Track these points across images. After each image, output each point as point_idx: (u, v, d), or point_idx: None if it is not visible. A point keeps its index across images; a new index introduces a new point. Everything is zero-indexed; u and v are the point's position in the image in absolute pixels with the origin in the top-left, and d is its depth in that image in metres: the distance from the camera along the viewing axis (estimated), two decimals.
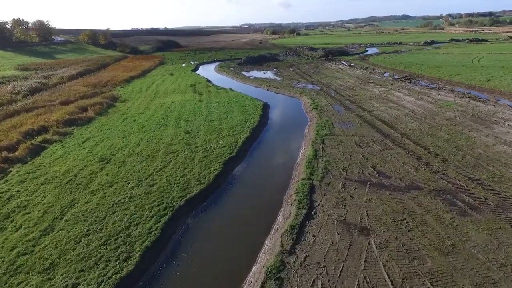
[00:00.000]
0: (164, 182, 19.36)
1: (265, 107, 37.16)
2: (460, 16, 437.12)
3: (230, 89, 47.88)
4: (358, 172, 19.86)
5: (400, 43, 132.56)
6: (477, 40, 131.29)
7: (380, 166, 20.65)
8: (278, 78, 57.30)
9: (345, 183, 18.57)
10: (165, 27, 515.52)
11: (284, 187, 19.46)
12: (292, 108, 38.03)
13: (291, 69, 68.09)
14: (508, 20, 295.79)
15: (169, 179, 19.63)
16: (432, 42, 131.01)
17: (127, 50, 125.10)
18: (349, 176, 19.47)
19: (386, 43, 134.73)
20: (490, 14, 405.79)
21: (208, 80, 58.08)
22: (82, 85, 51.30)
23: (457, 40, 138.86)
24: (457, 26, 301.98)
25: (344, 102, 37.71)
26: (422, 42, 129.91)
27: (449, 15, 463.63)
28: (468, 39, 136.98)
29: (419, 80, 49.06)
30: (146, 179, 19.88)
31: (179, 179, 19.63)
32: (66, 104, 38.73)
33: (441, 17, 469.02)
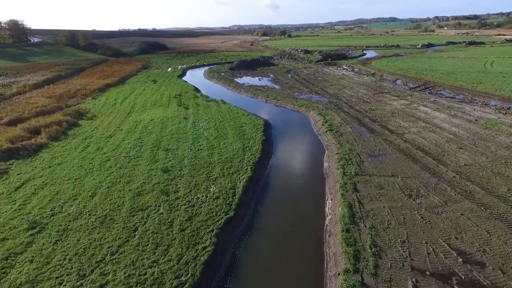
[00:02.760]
0: (120, 280, 11.78)
1: (267, 127, 29.89)
2: (446, 19, 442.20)
3: (222, 101, 40.44)
4: (428, 254, 12.75)
5: (397, 46, 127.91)
6: (475, 43, 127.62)
7: (456, 238, 13.62)
8: (276, 87, 50.14)
9: (416, 281, 11.41)
10: (153, 28, 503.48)
11: (316, 283, 12.16)
12: (300, 129, 30.81)
13: (289, 75, 61.09)
14: (495, 23, 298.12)
15: (128, 274, 12.05)
16: (430, 45, 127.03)
17: (109, 52, 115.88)
18: (416, 262, 12.33)
19: (383, 46, 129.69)
20: (475, 17, 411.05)
21: (196, 89, 50.47)
22: (44, 96, 42.88)
23: (454, 43, 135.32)
24: (445, 28, 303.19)
25: (363, 120, 30.79)
26: (420, 45, 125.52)
27: (436, 17, 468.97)
28: (465, 42, 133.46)
29: (440, 90, 42.71)
30: (92, 272, 12.26)
31: (145, 273, 12.08)
32: (15, 124, 30.51)
33: (428, 19, 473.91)
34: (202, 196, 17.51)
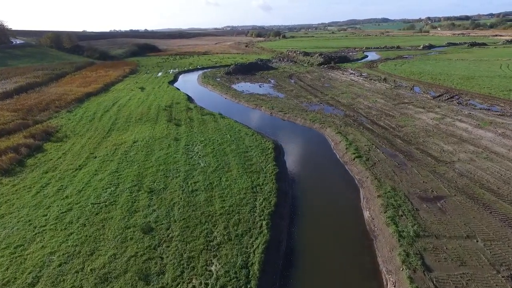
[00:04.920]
0: None
1: (277, 153, 24.09)
2: (438, 19, 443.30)
3: (220, 114, 34.54)
4: None
5: (398, 47, 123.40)
6: (477, 45, 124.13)
7: None
8: (280, 95, 44.40)
9: None
10: (145, 29, 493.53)
11: None
12: (319, 154, 25.01)
13: (292, 81, 55.48)
14: (488, 24, 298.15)
15: None
16: (431, 46, 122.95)
17: (96, 55, 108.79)
18: None
19: (383, 47, 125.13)
20: (467, 17, 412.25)
21: (189, 98, 44.46)
22: (10, 110, 36.38)
23: (455, 44, 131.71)
24: (439, 29, 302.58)
25: (394, 141, 25.21)
26: (421, 46, 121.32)
27: (429, 18, 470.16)
28: (467, 43, 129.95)
29: (469, 100, 37.47)
30: None
31: None
32: None
33: (420, 20, 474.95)
34: (200, 283, 11.58)
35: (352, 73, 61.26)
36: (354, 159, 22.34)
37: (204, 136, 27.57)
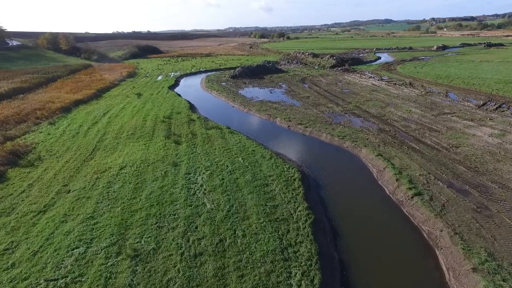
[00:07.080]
0: None
1: (307, 187, 18.38)
2: (443, 20, 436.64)
3: (228, 128, 28.98)
4: None
5: (411, 48, 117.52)
6: (494, 45, 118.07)
7: None
8: (296, 103, 38.71)
9: None
10: (148, 31, 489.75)
11: None
12: (360, 187, 19.15)
13: (306, 86, 49.79)
14: (496, 24, 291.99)
15: None
16: (445, 47, 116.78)
17: (94, 57, 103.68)
18: None
19: (394, 48, 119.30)
20: (472, 18, 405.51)
21: (192, 107, 38.87)
22: None
23: (470, 45, 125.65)
24: (445, 30, 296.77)
25: (455, 169, 19.44)
26: (435, 47, 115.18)
27: (433, 19, 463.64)
28: (482, 43, 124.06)
29: None
30: None
31: None
32: None
33: (424, 21, 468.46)
34: None
35: (371, 76, 55.45)
36: (412, 197, 16.60)
37: (210, 159, 21.91)
